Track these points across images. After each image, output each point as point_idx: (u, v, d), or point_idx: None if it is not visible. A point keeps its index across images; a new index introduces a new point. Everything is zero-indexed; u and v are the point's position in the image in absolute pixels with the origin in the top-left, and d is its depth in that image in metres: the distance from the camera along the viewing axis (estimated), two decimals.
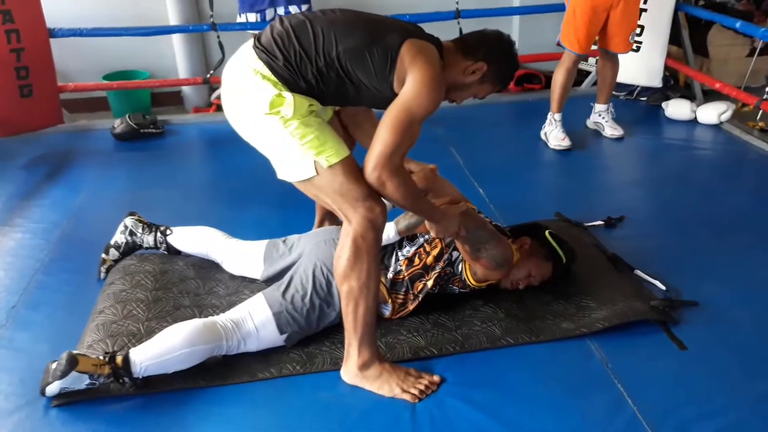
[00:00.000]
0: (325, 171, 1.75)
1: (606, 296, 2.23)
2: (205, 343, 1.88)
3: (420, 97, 1.71)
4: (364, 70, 1.77)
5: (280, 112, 1.74)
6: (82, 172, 3.42)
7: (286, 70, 1.75)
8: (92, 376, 1.78)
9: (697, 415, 1.78)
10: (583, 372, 1.95)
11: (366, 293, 1.80)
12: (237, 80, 1.82)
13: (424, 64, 1.73)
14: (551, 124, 3.65)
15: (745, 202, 3.02)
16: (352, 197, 1.75)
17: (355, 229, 1.76)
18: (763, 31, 3.63)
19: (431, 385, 1.87)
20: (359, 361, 1.86)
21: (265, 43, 1.79)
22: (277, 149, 1.80)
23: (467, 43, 1.89)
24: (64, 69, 4.26)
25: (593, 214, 2.81)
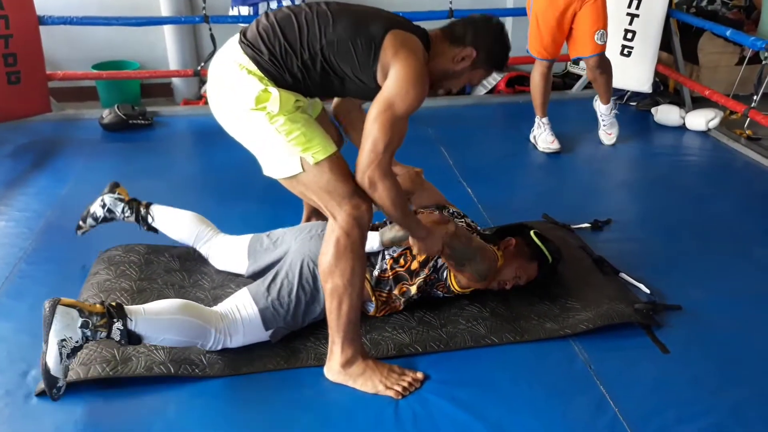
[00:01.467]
0: (311, 168, 1.74)
1: (591, 298, 2.24)
2: (198, 318, 1.87)
3: (403, 92, 1.70)
4: (348, 61, 1.75)
5: (266, 108, 1.72)
6: (69, 162, 3.39)
7: (272, 65, 1.74)
8: (82, 312, 1.70)
9: (678, 418, 1.79)
10: (566, 373, 1.96)
11: (350, 291, 1.80)
12: (222, 75, 1.80)
13: (407, 58, 1.71)
14: (539, 127, 3.66)
15: (731, 209, 3.05)
16: (338, 194, 1.74)
17: (341, 227, 1.75)
18: (752, 40, 3.66)
19: (414, 382, 1.87)
20: (342, 358, 1.85)
21: (251, 38, 1.78)
22: (263, 145, 1.78)
23: (454, 31, 1.86)
24: (53, 57, 4.22)
25: (580, 216, 2.83)
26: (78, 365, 1.83)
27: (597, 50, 3.47)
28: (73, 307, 1.71)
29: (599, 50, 3.47)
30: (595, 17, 3.40)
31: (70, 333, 1.69)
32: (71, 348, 1.70)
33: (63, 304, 1.70)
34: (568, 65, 4.89)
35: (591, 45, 3.44)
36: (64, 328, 1.69)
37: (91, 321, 1.71)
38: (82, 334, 1.70)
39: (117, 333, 1.74)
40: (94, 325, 1.71)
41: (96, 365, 1.85)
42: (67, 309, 1.70)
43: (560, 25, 3.43)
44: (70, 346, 1.70)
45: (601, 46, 3.46)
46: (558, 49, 3.54)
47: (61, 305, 1.70)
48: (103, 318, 1.73)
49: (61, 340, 1.68)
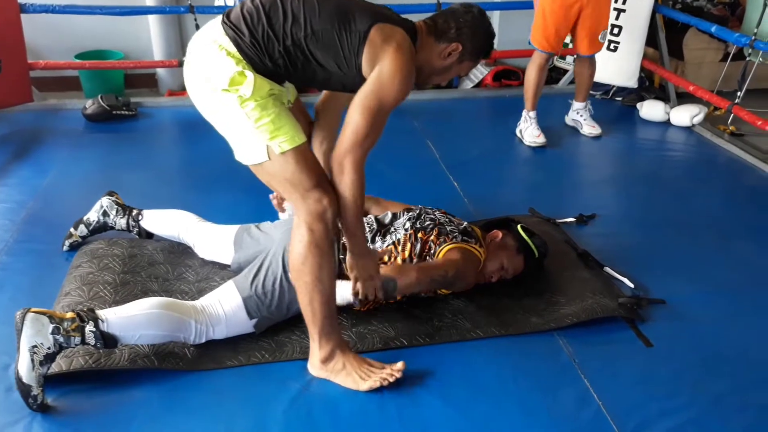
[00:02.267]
0: (277, 157, 1.71)
1: (575, 292, 2.25)
2: (175, 312, 1.86)
3: (389, 86, 1.70)
4: (332, 52, 1.74)
5: (238, 90, 1.69)
6: (51, 152, 3.35)
7: (252, 48, 1.72)
8: (53, 319, 1.70)
9: (661, 411, 1.81)
10: (551, 366, 1.97)
11: (320, 287, 1.77)
12: (200, 53, 1.77)
13: (394, 52, 1.71)
14: (526, 121, 3.67)
15: (714, 204, 3.08)
16: (301, 187, 1.72)
17: (305, 220, 1.73)
18: (737, 37, 3.69)
19: (395, 372, 1.85)
20: (321, 354, 1.85)
21: (234, 19, 1.75)
22: (231, 128, 1.76)
23: (438, 26, 1.85)
24: (35, 46, 4.16)
25: (565, 210, 2.84)
26: (60, 358, 1.81)
27: (598, 49, 3.57)
28: (43, 314, 1.71)
29: (599, 49, 3.57)
30: (600, 16, 3.48)
31: (41, 339, 1.68)
32: (44, 355, 1.69)
33: (33, 312, 1.70)
34: (554, 60, 4.89)
35: (595, 44, 3.53)
36: (35, 334, 1.68)
37: (62, 326, 1.70)
38: (54, 341, 1.69)
39: (91, 336, 1.73)
40: (66, 330, 1.71)
41: (78, 357, 1.83)
42: (37, 316, 1.70)
43: (567, 19, 3.45)
44: (43, 353, 1.68)
45: (601, 44, 3.57)
46: (559, 43, 3.56)
47: (31, 312, 1.70)
48: (74, 322, 1.72)
49: (33, 346, 1.67)
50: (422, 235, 2.16)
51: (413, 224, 2.21)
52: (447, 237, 2.16)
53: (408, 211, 2.30)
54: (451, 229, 2.20)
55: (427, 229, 2.18)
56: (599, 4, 3.44)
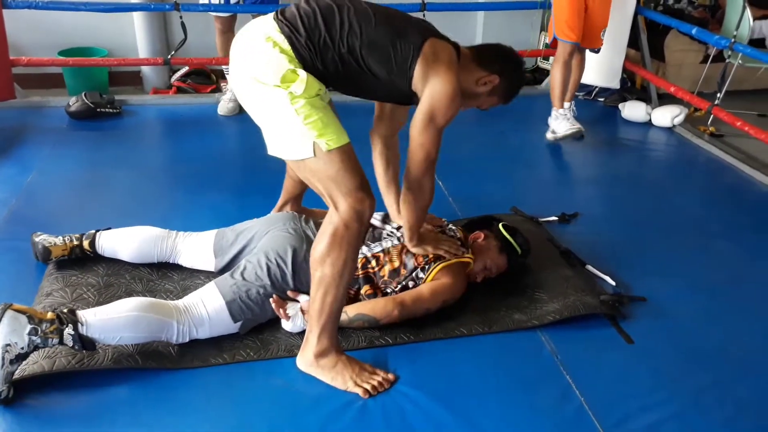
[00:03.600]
0: (323, 154, 1.73)
1: (558, 290, 2.28)
2: (155, 313, 1.85)
3: (443, 107, 1.82)
4: (384, 63, 1.79)
5: (289, 87, 1.71)
6: (34, 150, 3.32)
7: (307, 49, 1.74)
8: (32, 319, 1.68)
9: (641, 407, 1.84)
10: (534, 363, 1.99)
11: (338, 282, 1.78)
12: (252, 47, 1.78)
13: (445, 71, 1.80)
14: (556, 119, 3.65)
15: (693, 204, 3.12)
16: (344, 185, 1.74)
17: (342, 217, 1.74)
18: (716, 39, 3.75)
19: (385, 382, 1.85)
20: (317, 348, 1.84)
21: (290, 17, 1.78)
22: (278, 124, 1.77)
23: (483, 54, 1.95)
24: (17, 42, 4.12)
25: (548, 209, 2.87)
26: (42, 358, 1.80)
27: (600, 45, 3.66)
28: (23, 313, 1.69)
29: (600, 45, 3.66)
30: (604, 14, 3.56)
31: (15, 338, 1.67)
32: (15, 354, 1.67)
33: (14, 309, 1.69)
34: (538, 60, 4.93)
35: (598, 40, 3.62)
36: (10, 332, 1.66)
37: (41, 328, 1.69)
38: (29, 341, 1.68)
39: (69, 338, 1.72)
40: (44, 332, 1.69)
41: (61, 358, 1.82)
42: (17, 314, 1.68)
43: (582, 8, 3.49)
44: (15, 352, 1.67)
45: (602, 41, 3.65)
46: (581, 32, 3.54)
47: (11, 310, 1.68)
48: (53, 324, 1.71)
49: (6, 344, 1.66)
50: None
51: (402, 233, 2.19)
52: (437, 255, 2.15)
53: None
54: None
55: None
56: (604, 3, 3.53)
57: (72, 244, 2.25)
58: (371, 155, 2.26)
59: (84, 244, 2.25)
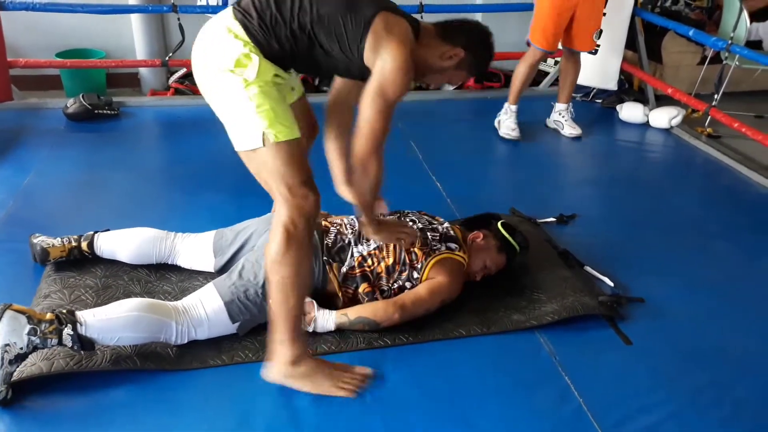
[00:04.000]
0: (271, 145, 1.71)
1: (556, 291, 2.28)
2: (154, 314, 1.84)
3: (393, 81, 1.74)
4: (335, 37, 1.76)
5: (243, 73, 1.71)
6: (32, 152, 3.31)
7: (260, 30, 1.74)
8: (31, 319, 1.68)
9: (640, 407, 1.84)
10: (532, 364, 1.99)
11: (298, 283, 1.75)
12: (209, 37, 1.79)
13: (395, 46, 1.74)
14: (506, 113, 3.75)
15: (691, 205, 3.13)
16: (290, 180, 1.72)
17: (288, 215, 1.72)
18: (714, 41, 3.76)
19: (363, 378, 1.83)
20: (291, 356, 1.78)
21: (244, 4, 1.78)
22: (231, 111, 1.76)
23: (447, 29, 1.91)
24: (15, 44, 4.12)
25: (546, 210, 2.87)
26: (41, 360, 1.80)
27: (593, 47, 3.66)
28: (22, 314, 1.69)
29: (594, 47, 3.67)
30: (596, 16, 3.57)
31: (15, 338, 1.67)
32: (15, 354, 1.67)
33: (13, 309, 1.69)
34: None
35: (588, 42, 3.61)
36: (10, 332, 1.66)
37: (40, 328, 1.69)
38: (28, 341, 1.68)
39: (68, 339, 1.72)
40: (43, 332, 1.69)
41: (59, 359, 1.81)
42: (16, 314, 1.68)
43: (563, 19, 3.51)
44: (14, 353, 1.67)
45: (596, 43, 3.65)
46: (557, 42, 3.61)
47: (10, 310, 1.69)
48: (51, 325, 1.71)
49: (5, 344, 1.66)
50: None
51: None
52: (431, 249, 2.16)
53: (390, 214, 2.30)
54: (433, 237, 2.20)
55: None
56: (594, 6, 3.52)
57: (70, 245, 2.24)
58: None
59: (82, 245, 2.25)
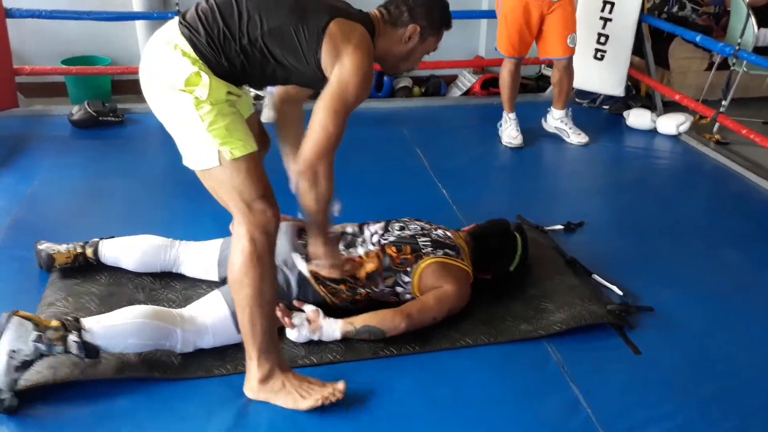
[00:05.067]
0: (227, 163, 1.68)
1: (564, 299, 2.26)
2: (159, 321, 1.83)
3: (352, 85, 1.70)
4: (289, 49, 1.72)
5: (194, 92, 1.67)
6: (37, 159, 3.31)
7: (209, 48, 1.69)
8: (38, 326, 1.68)
9: (648, 418, 1.82)
10: (540, 373, 1.97)
11: (261, 299, 1.71)
12: (156, 53, 1.74)
13: (353, 51, 1.70)
14: (506, 122, 3.76)
15: (699, 212, 3.10)
16: (248, 196, 1.69)
17: (248, 230, 1.69)
18: (721, 46, 3.74)
19: (335, 392, 1.77)
20: (260, 374, 1.76)
21: (190, 19, 1.73)
22: (183, 130, 1.73)
23: (391, 14, 1.87)
24: (21, 51, 4.13)
25: (553, 218, 2.85)
26: (46, 368, 1.79)
27: (568, 53, 3.60)
28: (28, 320, 1.69)
29: (570, 53, 3.60)
30: (565, 21, 3.52)
31: (21, 345, 1.66)
32: (21, 361, 1.67)
33: (19, 316, 1.69)
34: (542, 68, 4.93)
35: (563, 47, 3.57)
36: (16, 338, 1.66)
37: (45, 335, 1.69)
38: (35, 348, 1.67)
39: (74, 346, 1.71)
40: (48, 339, 1.69)
41: (64, 368, 1.80)
42: (23, 321, 1.68)
43: (528, 26, 3.52)
44: (20, 359, 1.67)
45: (572, 49, 3.59)
46: (526, 49, 3.63)
47: (17, 316, 1.68)
48: (57, 332, 1.70)
49: (11, 350, 1.66)
50: (393, 252, 2.12)
51: (381, 237, 2.17)
52: (422, 253, 2.12)
53: (375, 223, 2.26)
54: (424, 243, 2.15)
55: (399, 245, 2.14)
56: (564, 11, 3.50)
57: (75, 251, 2.24)
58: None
59: (87, 251, 2.24)
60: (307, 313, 2.00)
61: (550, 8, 3.47)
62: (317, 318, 2.00)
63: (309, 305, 2.01)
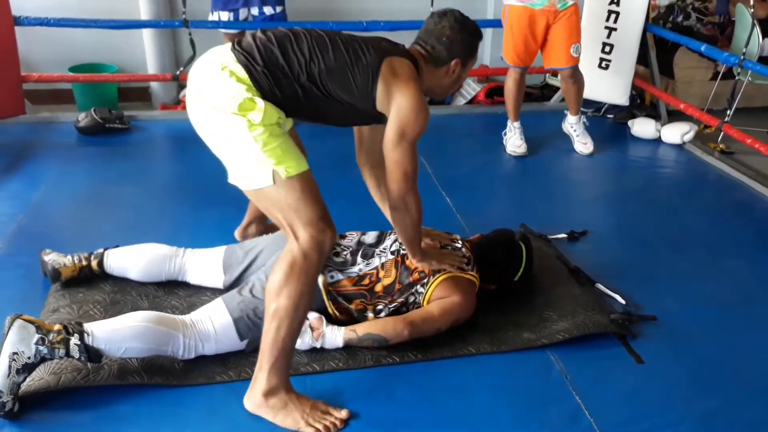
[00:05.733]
0: (282, 182, 1.71)
1: (567, 308, 2.25)
2: (161, 325, 1.84)
3: (412, 121, 1.82)
4: (345, 88, 1.80)
5: (247, 115, 1.70)
6: (43, 166, 3.33)
7: (264, 78, 1.74)
8: (40, 329, 1.70)
9: (651, 427, 1.81)
10: (543, 383, 1.97)
11: (293, 316, 1.70)
12: (207, 77, 1.78)
13: (407, 88, 1.81)
14: (511, 131, 3.78)
15: (704, 221, 3.09)
16: (305, 214, 1.71)
17: (302, 247, 1.70)
18: (726, 56, 3.74)
19: (338, 422, 1.74)
20: (266, 387, 1.73)
21: (246, 47, 1.78)
22: (236, 152, 1.75)
23: (432, 54, 1.97)
24: (29, 58, 4.16)
25: (557, 226, 2.85)
26: (48, 374, 1.80)
27: (572, 62, 3.59)
28: (31, 323, 1.71)
29: (574, 62, 3.60)
30: (569, 31, 3.52)
31: (23, 347, 1.68)
32: (22, 364, 1.68)
33: (23, 319, 1.71)
34: (547, 77, 4.93)
35: (566, 57, 3.57)
36: (18, 341, 1.68)
37: (48, 338, 1.70)
38: (36, 351, 1.69)
39: (75, 349, 1.72)
40: (51, 341, 1.70)
41: (66, 374, 1.81)
42: (26, 324, 1.71)
43: (534, 36, 3.53)
44: (22, 362, 1.68)
45: (576, 58, 3.59)
46: (531, 58, 3.64)
47: (20, 320, 1.71)
48: (59, 335, 1.72)
49: (13, 353, 1.67)
50: (411, 263, 2.12)
51: (401, 247, 2.17)
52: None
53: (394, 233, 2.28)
54: None
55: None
56: (569, 21, 3.51)
57: (81, 264, 2.24)
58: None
59: (92, 263, 2.25)
60: (310, 320, 2.00)
61: (555, 18, 3.48)
62: (320, 325, 2.00)
63: (312, 312, 2.01)
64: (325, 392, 1.86)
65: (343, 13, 4.59)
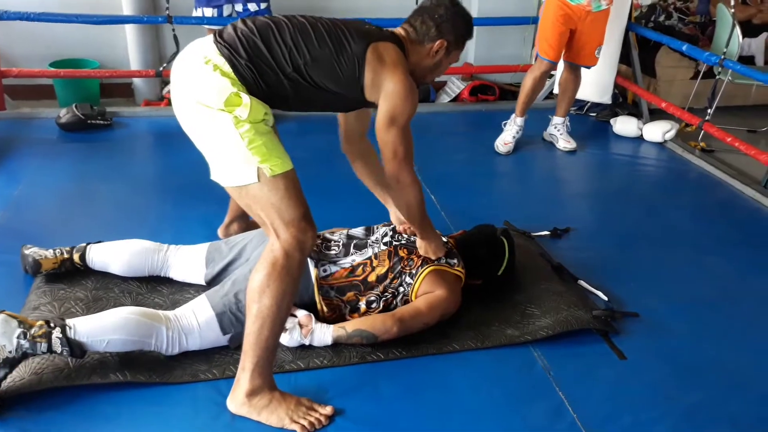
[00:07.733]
0: (266, 180, 1.70)
1: (550, 305, 2.27)
2: (145, 317, 1.83)
3: (401, 105, 1.82)
4: (332, 77, 1.80)
5: (233, 111, 1.69)
6: (23, 162, 3.29)
7: (249, 71, 1.73)
8: (22, 324, 1.70)
9: (634, 423, 1.83)
10: (526, 379, 1.98)
11: (276, 315, 1.70)
12: (192, 71, 1.75)
13: (394, 71, 1.81)
14: (510, 124, 3.78)
15: (684, 219, 3.13)
16: (287, 213, 1.70)
17: (283, 247, 1.69)
18: (707, 55, 3.78)
19: (322, 418, 1.75)
20: (249, 387, 1.72)
21: (228, 39, 1.75)
22: (221, 148, 1.73)
23: (417, 30, 1.95)
24: (9, 53, 4.11)
25: (540, 224, 2.87)
26: (29, 374, 1.78)
27: (593, 62, 3.69)
28: (14, 318, 1.71)
29: (595, 63, 3.69)
30: (599, 33, 3.60)
31: (5, 341, 1.68)
32: (3, 358, 1.68)
33: (5, 314, 1.71)
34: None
35: (590, 57, 3.66)
36: (0, 334, 1.67)
37: (30, 332, 1.69)
38: (18, 345, 1.68)
39: (57, 342, 1.71)
40: (33, 336, 1.69)
41: (48, 373, 1.79)
42: (8, 318, 1.71)
43: (566, 30, 3.55)
44: (3, 356, 1.68)
45: (597, 59, 3.68)
46: (560, 53, 3.64)
47: (2, 314, 1.70)
48: (41, 328, 1.71)
49: None
50: (404, 253, 2.15)
51: (393, 238, 2.20)
52: (429, 258, 2.15)
53: (384, 225, 2.30)
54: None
55: (411, 248, 2.17)
56: (600, 23, 3.56)
57: (62, 257, 2.22)
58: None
59: (74, 257, 2.23)
60: (299, 317, 2.00)
61: (587, 17, 3.51)
62: (309, 322, 2.00)
63: (301, 310, 2.01)
64: (310, 389, 1.86)
65: (328, 10, 4.57)
